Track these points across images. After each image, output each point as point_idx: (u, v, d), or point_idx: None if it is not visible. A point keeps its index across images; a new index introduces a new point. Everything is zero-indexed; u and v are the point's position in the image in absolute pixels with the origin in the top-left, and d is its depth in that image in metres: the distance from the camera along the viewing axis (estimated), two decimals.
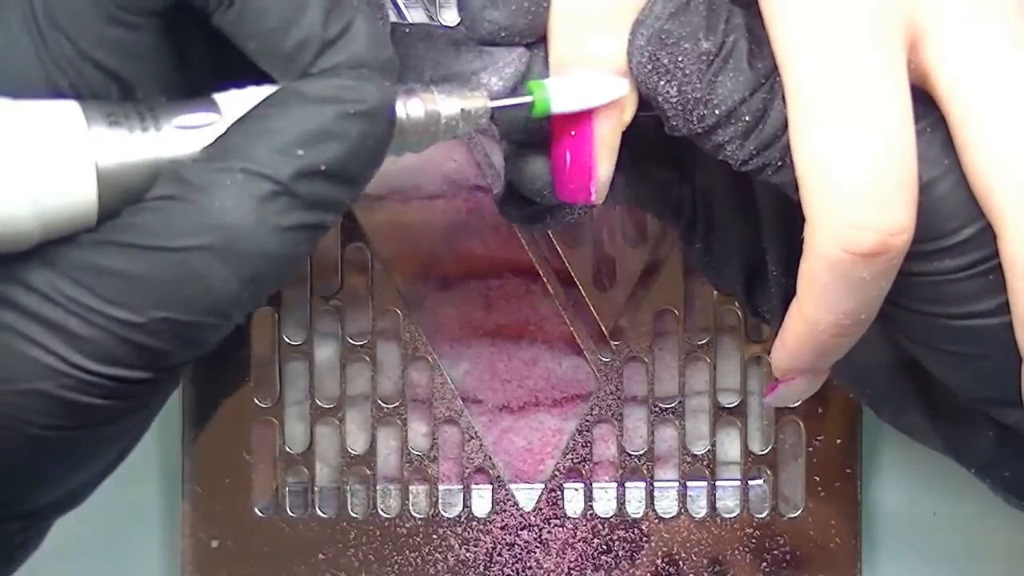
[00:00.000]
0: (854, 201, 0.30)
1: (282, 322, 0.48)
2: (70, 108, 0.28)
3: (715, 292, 0.48)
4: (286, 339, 0.48)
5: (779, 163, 0.32)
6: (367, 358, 0.48)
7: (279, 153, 0.28)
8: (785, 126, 0.32)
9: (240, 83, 0.30)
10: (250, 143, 0.28)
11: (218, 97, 0.30)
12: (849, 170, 0.30)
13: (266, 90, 0.29)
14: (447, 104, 0.32)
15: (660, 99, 0.32)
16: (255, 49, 0.29)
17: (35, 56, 0.29)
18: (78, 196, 0.28)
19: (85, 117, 0.28)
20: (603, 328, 0.49)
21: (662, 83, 0.32)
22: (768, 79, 0.32)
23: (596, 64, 0.32)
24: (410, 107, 0.31)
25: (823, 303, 0.32)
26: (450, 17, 0.47)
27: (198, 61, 0.31)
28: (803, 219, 0.31)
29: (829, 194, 0.31)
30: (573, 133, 0.33)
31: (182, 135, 0.29)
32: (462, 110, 0.32)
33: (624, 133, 0.33)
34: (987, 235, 0.32)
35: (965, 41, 0.32)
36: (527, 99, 0.32)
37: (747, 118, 0.32)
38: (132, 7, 0.29)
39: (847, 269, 0.31)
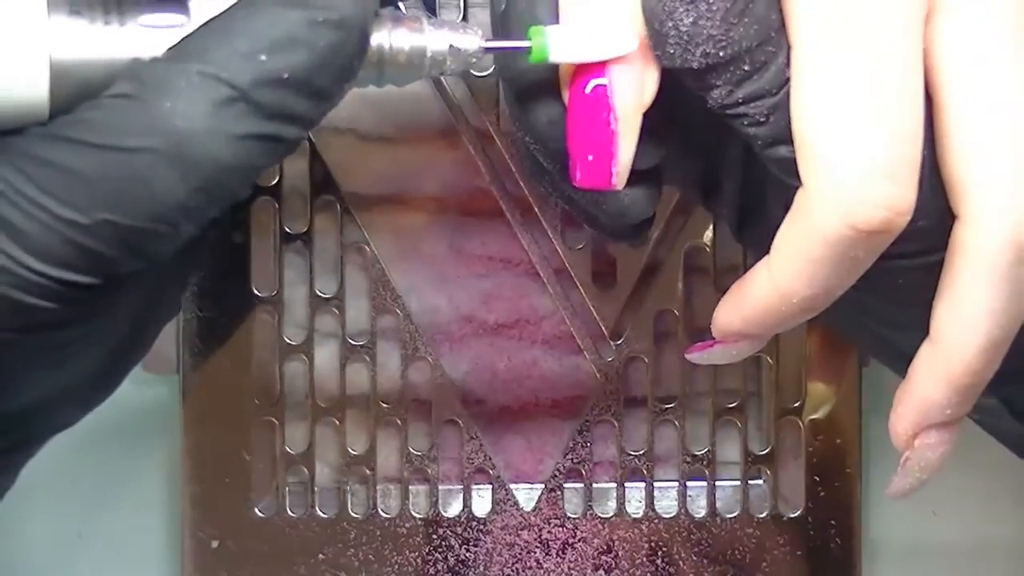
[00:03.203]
0: (867, 175, 0.29)
1: (282, 322, 0.48)
2: None
3: (715, 292, 0.48)
4: (286, 339, 0.48)
5: (761, 119, 0.31)
6: (367, 358, 0.48)
7: (240, 57, 0.27)
8: (781, 84, 0.30)
9: None
10: (211, 45, 0.27)
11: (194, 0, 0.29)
12: (865, 142, 0.29)
13: None
14: (435, 38, 0.30)
15: (670, 25, 0.30)
16: None
17: None
18: (29, 86, 0.27)
19: (47, 5, 0.27)
20: (603, 328, 0.49)
21: (680, 10, 0.30)
22: (776, 33, 0.30)
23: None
24: (395, 36, 0.30)
25: (807, 278, 0.31)
26: (450, 17, 0.47)
27: None
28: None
29: (839, 166, 0.29)
30: (592, 112, 0.31)
31: (146, 34, 0.28)
32: (451, 47, 0.30)
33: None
34: (936, 229, 0.31)
35: (973, 30, 0.31)
36: (524, 44, 0.31)
37: (746, 67, 0.30)
38: None
39: (846, 246, 0.30)
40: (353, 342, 0.48)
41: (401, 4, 0.47)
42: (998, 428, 0.38)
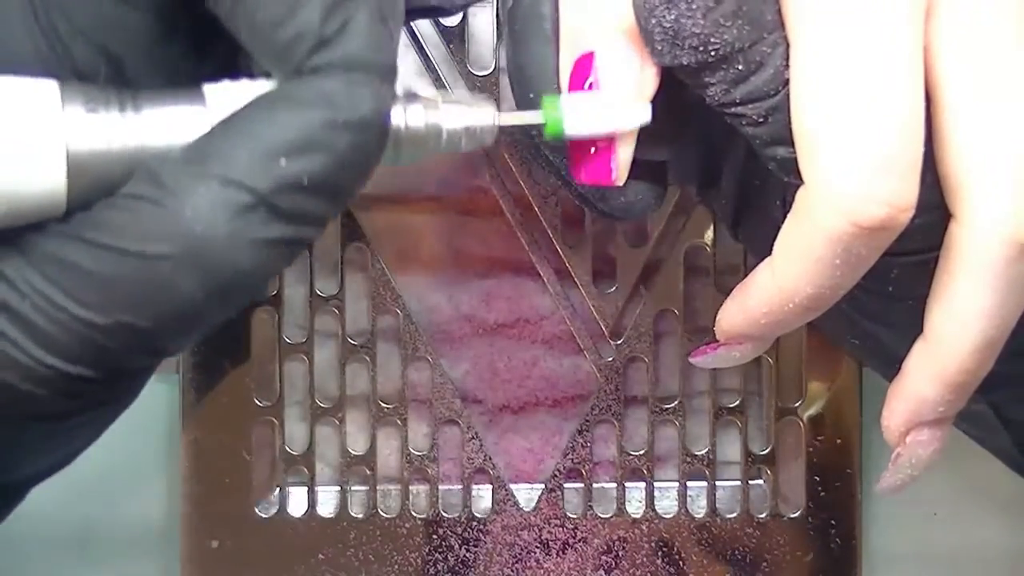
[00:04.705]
0: (869, 171, 0.29)
1: (282, 322, 0.48)
2: (47, 87, 0.27)
3: (715, 292, 0.48)
4: (286, 339, 0.48)
5: (760, 119, 0.31)
6: (367, 358, 0.48)
7: (260, 162, 0.26)
8: (780, 85, 0.30)
9: (235, 74, 0.28)
10: (230, 148, 0.27)
11: (208, 88, 0.28)
12: (866, 138, 0.29)
13: (260, 86, 0.28)
14: (451, 117, 0.30)
15: (653, 22, 0.30)
16: (248, 40, 0.28)
17: (25, 30, 0.28)
18: (46, 180, 0.27)
19: (62, 98, 0.27)
20: (603, 328, 0.49)
21: (661, 7, 0.30)
22: (772, 32, 0.30)
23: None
24: (410, 115, 0.29)
25: (810, 276, 0.31)
26: (450, 21, 0.47)
27: (185, 43, 0.30)
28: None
29: (841, 163, 0.29)
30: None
31: (163, 127, 0.28)
32: (467, 128, 0.30)
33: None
34: (934, 227, 0.31)
35: (971, 28, 0.31)
36: (538, 119, 0.31)
37: (740, 67, 0.30)
38: None
39: (849, 243, 0.30)
40: (353, 342, 0.48)
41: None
42: (986, 440, 0.38)
